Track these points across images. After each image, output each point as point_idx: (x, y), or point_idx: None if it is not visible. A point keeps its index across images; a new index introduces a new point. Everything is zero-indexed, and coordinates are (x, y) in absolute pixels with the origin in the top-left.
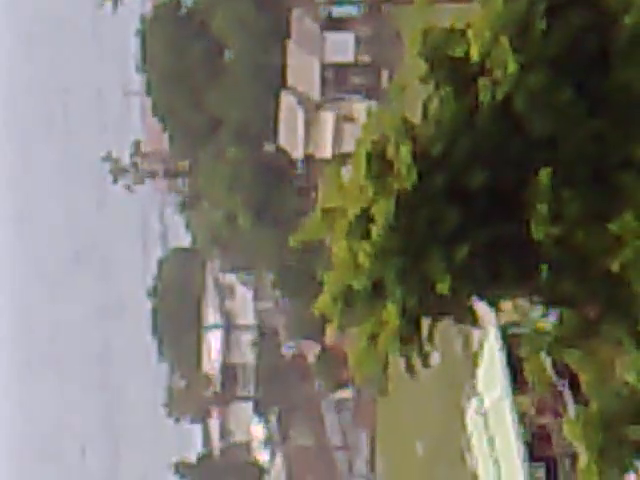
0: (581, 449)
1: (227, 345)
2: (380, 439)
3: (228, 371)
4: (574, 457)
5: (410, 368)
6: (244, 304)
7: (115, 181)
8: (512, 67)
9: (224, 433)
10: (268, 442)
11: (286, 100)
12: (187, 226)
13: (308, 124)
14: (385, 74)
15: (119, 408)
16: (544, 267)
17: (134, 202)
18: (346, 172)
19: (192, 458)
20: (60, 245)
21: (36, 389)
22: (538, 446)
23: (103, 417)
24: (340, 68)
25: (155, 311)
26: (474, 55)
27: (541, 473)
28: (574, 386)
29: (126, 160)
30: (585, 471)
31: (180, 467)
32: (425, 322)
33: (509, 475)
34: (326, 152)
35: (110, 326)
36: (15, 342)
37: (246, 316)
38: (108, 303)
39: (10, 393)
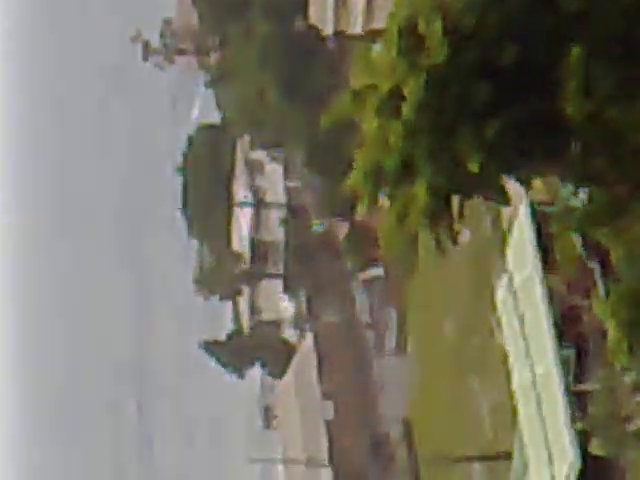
0: (611, 326)
1: (257, 222)
2: (410, 317)
3: (257, 248)
4: (604, 336)
5: (440, 246)
6: (274, 181)
7: (145, 59)
8: None
9: (254, 311)
10: (297, 320)
11: None
12: (217, 103)
13: (338, 0)
14: None
15: (148, 285)
16: (575, 144)
17: (164, 79)
18: (377, 49)
19: (222, 336)
20: (89, 123)
21: (64, 265)
22: (568, 325)
23: (132, 294)
24: None
25: (185, 188)
26: None
27: (570, 352)
28: (604, 264)
29: (156, 38)
30: (614, 348)
31: (209, 345)
32: (455, 200)
33: (538, 354)
34: (357, 28)
35: (139, 203)
36: (45, 215)
37: (276, 193)
38: (137, 180)
39: (37, 265)
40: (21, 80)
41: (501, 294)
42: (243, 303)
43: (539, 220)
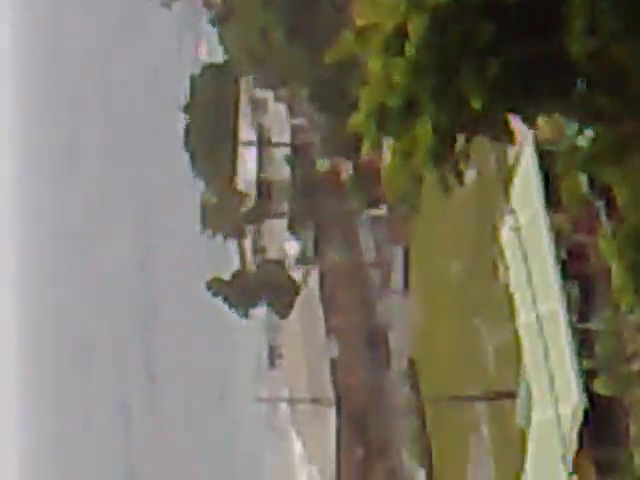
0: (616, 266)
1: (261, 162)
2: (414, 256)
3: (262, 187)
4: (609, 275)
5: (444, 186)
6: (278, 120)
7: None
8: None
9: (258, 250)
10: (302, 259)
11: None
12: (221, 42)
13: None
14: None
15: (153, 224)
16: (580, 82)
17: (170, 18)
18: None
19: (227, 275)
20: (94, 61)
21: (70, 203)
22: (573, 264)
23: (136, 232)
24: None
25: (189, 127)
26: None
27: (575, 291)
28: (610, 203)
29: None
30: (620, 288)
31: (214, 284)
32: (460, 139)
33: (543, 292)
34: None
35: (144, 143)
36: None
37: (280, 132)
38: (142, 119)
39: (42, 199)
40: (25, 22)
41: (506, 233)
42: (248, 242)
43: (544, 159)
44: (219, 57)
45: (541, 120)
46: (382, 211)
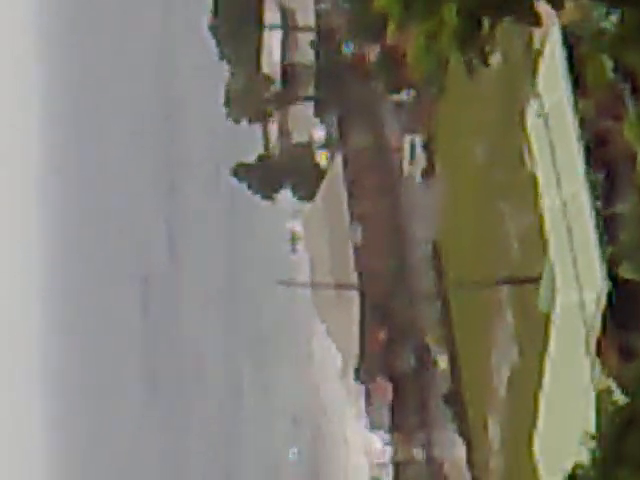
0: None
1: (287, 45)
2: (439, 140)
3: (288, 71)
4: (634, 160)
5: (469, 68)
6: (303, 4)
7: None
8: None
9: (284, 135)
10: (327, 143)
11: None
12: None
13: None
14: None
15: (178, 111)
16: None
17: None
18: None
19: (251, 160)
20: None
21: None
22: (598, 149)
23: (160, 121)
24: None
25: (215, 10)
26: None
27: (600, 176)
28: (635, 87)
29: None
30: None
31: (239, 169)
32: (486, 22)
33: (568, 178)
34: None
35: (170, 28)
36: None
37: (306, 16)
38: (168, 5)
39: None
40: None
41: (531, 118)
42: (273, 126)
43: (570, 43)
44: None
45: (568, 2)
46: (407, 96)
